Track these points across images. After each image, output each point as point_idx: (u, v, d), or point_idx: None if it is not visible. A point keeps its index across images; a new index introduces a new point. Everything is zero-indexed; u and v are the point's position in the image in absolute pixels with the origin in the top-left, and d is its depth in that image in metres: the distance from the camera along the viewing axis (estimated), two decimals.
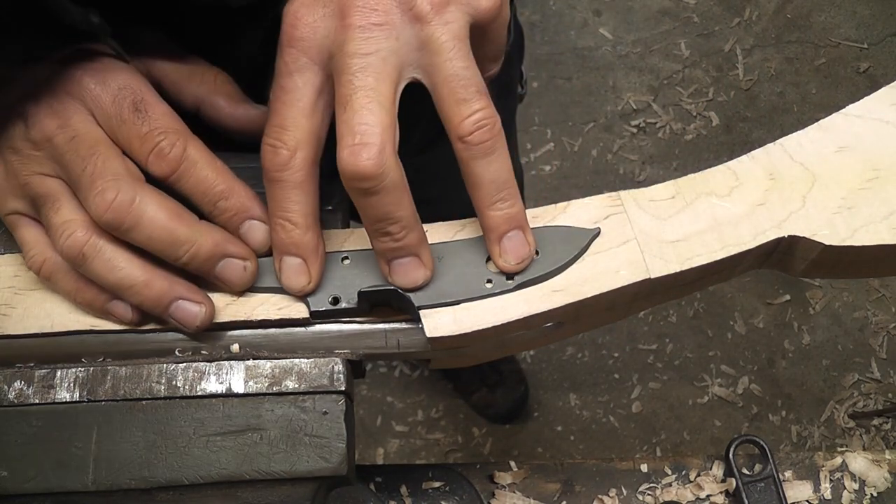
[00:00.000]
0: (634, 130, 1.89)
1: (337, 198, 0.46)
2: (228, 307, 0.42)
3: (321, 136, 0.40)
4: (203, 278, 0.41)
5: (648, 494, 0.58)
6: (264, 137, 0.39)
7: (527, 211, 0.44)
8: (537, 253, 0.42)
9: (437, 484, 0.57)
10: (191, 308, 0.40)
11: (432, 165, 0.60)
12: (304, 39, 0.38)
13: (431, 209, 0.47)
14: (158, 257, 0.40)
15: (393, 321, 0.43)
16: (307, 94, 0.38)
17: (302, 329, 0.42)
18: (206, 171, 0.40)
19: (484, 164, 0.38)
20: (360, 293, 0.41)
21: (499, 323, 0.41)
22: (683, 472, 0.59)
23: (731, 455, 0.57)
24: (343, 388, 0.41)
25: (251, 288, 0.42)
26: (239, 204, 0.41)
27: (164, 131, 0.39)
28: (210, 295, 0.42)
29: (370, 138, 0.35)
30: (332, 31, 0.38)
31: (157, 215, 0.38)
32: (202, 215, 0.41)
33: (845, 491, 0.58)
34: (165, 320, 0.41)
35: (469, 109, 0.37)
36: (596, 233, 0.43)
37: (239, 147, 0.45)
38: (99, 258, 0.39)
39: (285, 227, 0.39)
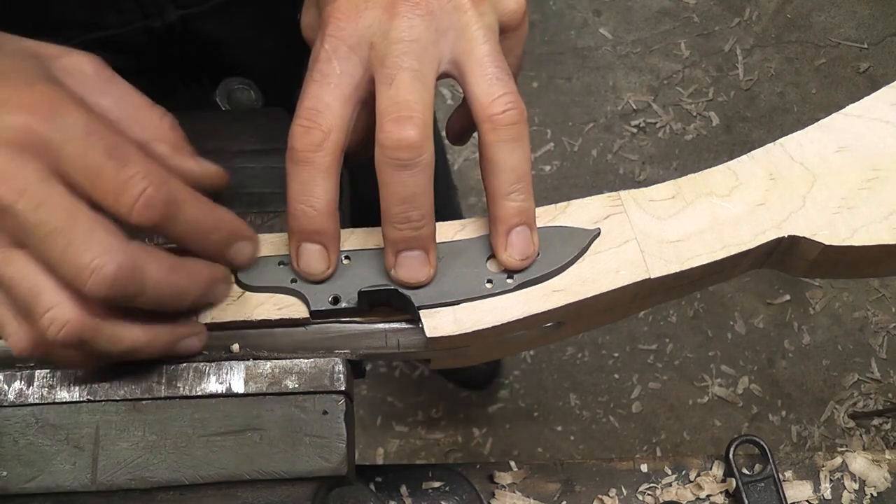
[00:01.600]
0: (634, 130, 1.89)
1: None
2: (228, 307, 0.42)
3: (350, 129, 0.40)
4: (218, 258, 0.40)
5: (648, 494, 0.58)
6: (296, 118, 0.38)
7: None
8: (537, 252, 0.42)
9: (437, 484, 0.57)
10: (191, 343, 0.40)
11: None
12: (347, 29, 0.39)
13: None
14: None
15: (393, 321, 0.43)
16: (346, 82, 0.39)
17: (302, 329, 0.42)
18: (192, 209, 0.37)
19: (508, 150, 0.39)
20: (360, 293, 0.41)
21: (499, 323, 0.41)
22: (683, 472, 0.59)
23: (731, 455, 0.57)
24: (343, 388, 0.41)
25: (251, 287, 0.42)
26: (228, 233, 0.39)
27: (145, 175, 0.34)
28: None
29: (415, 112, 0.37)
30: (376, 22, 0.38)
31: (159, 275, 0.36)
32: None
33: (845, 491, 0.58)
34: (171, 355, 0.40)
35: (501, 90, 0.39)
36: (596, 233, 0.43)
37: None
38: (101, 338, 0.36)
39: (307, 213, 0.39)
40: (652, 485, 0.58)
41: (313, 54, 0.40)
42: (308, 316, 0.42)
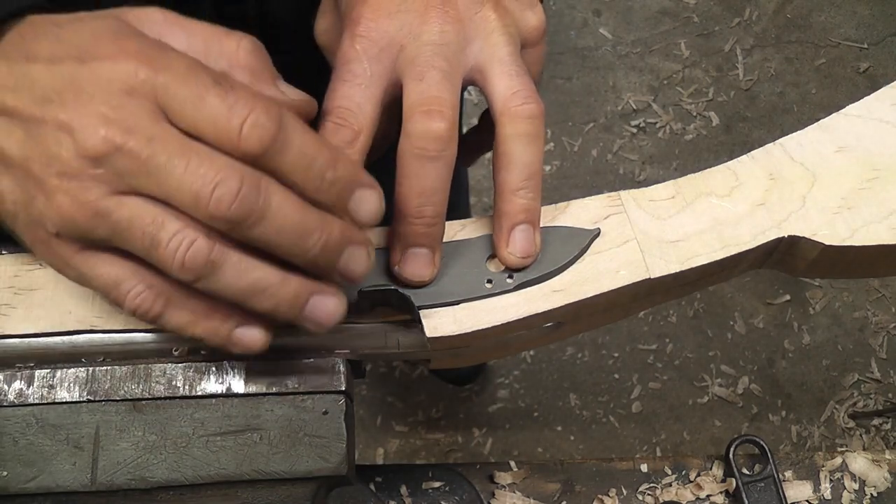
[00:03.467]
0: (634, 130, 1.89)
1: None
2: None
3: (375, 131, 0.40)
4: (325, 273, 0.36)
5: (648, 494, 0.58)
6: (326, 116, 0.38)
7: None
8: (538, 254, 0.42)
9: (437, 484, 0.57)
10: (327, 303, 0.36)
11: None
12: (378, 30, 0.39)
13: None
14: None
15: (393, 321, 0.43)
16: (376, 84, 0.39)
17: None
18: (305, 138, 0.34)
19: (523, 144, 0.40)
20: (360, 293, 0.41)
21: (499, 323, 0.41)
22: (683, 472, 0.59)
23: (731, 455, 0.57)
24: (343, 388, 0.41)
25: None
26: (348, 172, 0.35)
27: (253, 98, 0.33)
28: None
29: (444, 107, 0.38)
30: (407, 25, 0.39)
31: (285, 202, 0.33)
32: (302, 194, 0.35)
33: (845, 491, 0.58)
34: (300, 323, 0.36)
35: (521, 85, 0.40)
36: (596, 233, 0.43)
37: None
38: (229, 263, 0.33)
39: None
40: (652, 485, 0.58)
41: (342, 54, 0.40)
42: None
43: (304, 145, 0.34)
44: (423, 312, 0.41)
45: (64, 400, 0.41)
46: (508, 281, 0.41)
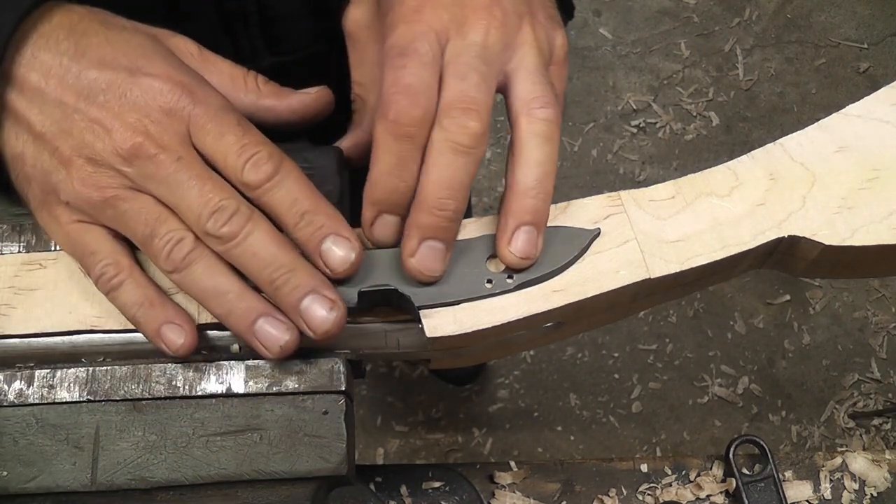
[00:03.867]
0: (634, 130, 1.89)
1: (337, 198, 0.46)
2: None
3: None
4: (289, 313, 0.40)
5: (648, 494, 0.58)
6: (393, 94, 0.39)
7: None
8: (537, 258, 0.42)
9: (437, 484, 0.57)
10: (275, 329, 0.39)
11: None
12: (433, 18, 0.41)
13: None
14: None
15: (393, 321, 0.43)
16: (436, 63, 0.40)
17: None
18: (297, 184, 0.39)
19: (537, 144, 0.40)
20: (360, 293, 0.41)
21: (499, 323, 0.41)
22: (683, 472, 0.59)
23: (731, 455, 0.57)
24: (343, 388, 0.41)
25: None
26: (326, 219, 0.40)
27: (264, 143, 0.40)
28: None
29: (482, 108, 0.39)
30: (456, 20, 0.41)
31: (266, 235, 0.39)
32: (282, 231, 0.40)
33: (845, 491, 0.58)
34: (248, 341, 0.40)
35: (543, 91, 0.41)
36: (596, 233, 0.43)
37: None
38: (202, 263, 0.39)
39: (399, 187, 0.40)
40: (652, 485, 0.58)
41: (402, 37, 0.40)
42: None
43: (294, 188, 0.39)
44: (423, 312, 0.41)
45: (64, 400, 0.41)
46: (508, 281, 0.41)
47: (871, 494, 0.58)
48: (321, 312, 0.39)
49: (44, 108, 0.39)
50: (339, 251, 0.39)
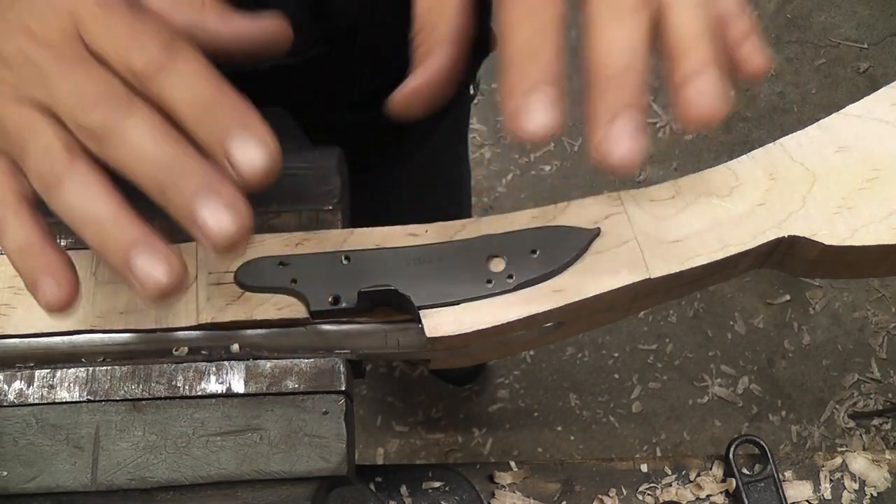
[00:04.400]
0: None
1: (337, 198, 0.46)
2: (229, 307, 0.42)
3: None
4: (181, 220, 0.33)
5: (648, 494, 0.58)
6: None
7: (527, 211, 0.44)
8: (537, 252, 0.42)
9: (437, 484, 0.57)
10: (154, 266, 0.33)
11: (369, 125, 0.56)
12: None
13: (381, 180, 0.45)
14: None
15: (393, 321, 0.43)
16: None
17: (302, 329, 0.42)
18: (196, 69, 0.33)
19: (610, 17, 0.34)
20: (360, 293, 0.41)
21: (499, 323, 0.41)
22: (683, 472, 0.59)
23: (731, 455, 0.57)
24: (343, 388, 0.41)
25: (252, 287, 0.42)
26: (233, 112, 0.33)
27: (155, 24, 0.34)
28: (213, 296, 0.42)
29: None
30: None
31: (150, 124, 0.33)
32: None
33: (845, 491, 0.58)
34: (124, 276, 0.33)
35: None
36: (596, 233, 0.43)
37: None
38: (74, 181, 0.33)
39: (546, 54, 0.35)
40: (652, 485, 0.58)
41: None
42: (308, 316, 0.42)
43: (193, 76, 0.33)
44: (423, 312, 0.41)
45: (64, 400, 0.41)
46: (508, 281, 0.41)
47: (871, 494, 0.58)
48: (219, 214, 0.32)
49: None
50: (250, 152, 0.32)
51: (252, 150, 0.32)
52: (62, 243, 0.41)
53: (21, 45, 0.34)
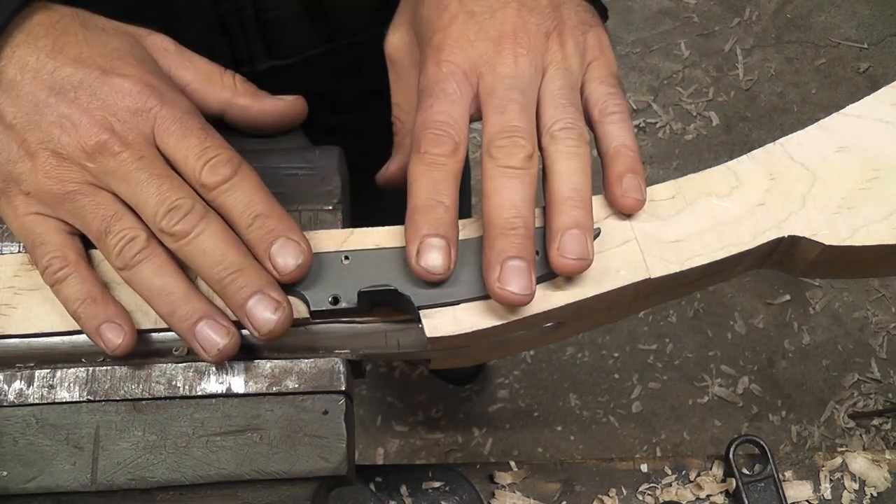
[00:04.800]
0: (634, 130, 1.89)
1: (337, 198, 0.46)
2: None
3: None
4: (231, 307, 0.40)
5: (648, 494, 0.58)
6: (427, 128, 0.41)
7: None
8: (537, 253, 0.42)
9: (437, 484, 0.57)
10: (214, 334, 0.40)
11: (369, 125, 0.62)
12: (461, 56, 0.43)
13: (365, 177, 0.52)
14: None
15: (393, 321, 0.43)
16: (465, 101, 0.42)
17: (302, 329, 0.42)
18: (253, 187, 0.41)
19: (566, 159, 0.41)
20: (360, 293, 0.41)
21: (499, 323, 0.41)
22: (683, 472, 0.59)
23: (731, 455, 0.57)
24: (343, 388, 0.41)
25: None
26: (277, 223, 0.41)
27: (224, 148, 0.41)
28: (213, 296, 0.42)
29: (525, 133, 0.41)
30: (485, 55, 0.43)
31: (218, 235, 0.39)
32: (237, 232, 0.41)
33: (845, 491, 0.58)
34: (189, 341, 0.40)
35: (563, 114, 0.42)
36: (596, 233, 0.43)
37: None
38: (152, 261, 0.40)
39: (438, 210, 0.40)
40: (652, 485, 0.58)
41: (431, 75, 0.43)
42: (308, 316, 0.42)
43: (249, 191, 0.40)
44: (423, 312, 0.41)
45: (64, 400, 0.41)
46: None
47: (871, 494, 0.58)
48: (266, 314, 0.39)
49: (17, 100, 0.40)
50: (287, 254, 0.40)
51: (290, 254, 0.40)
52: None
53: (108, 140, 0.39)
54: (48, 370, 0.41)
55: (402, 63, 0.49)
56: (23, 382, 0.41)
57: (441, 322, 0.41)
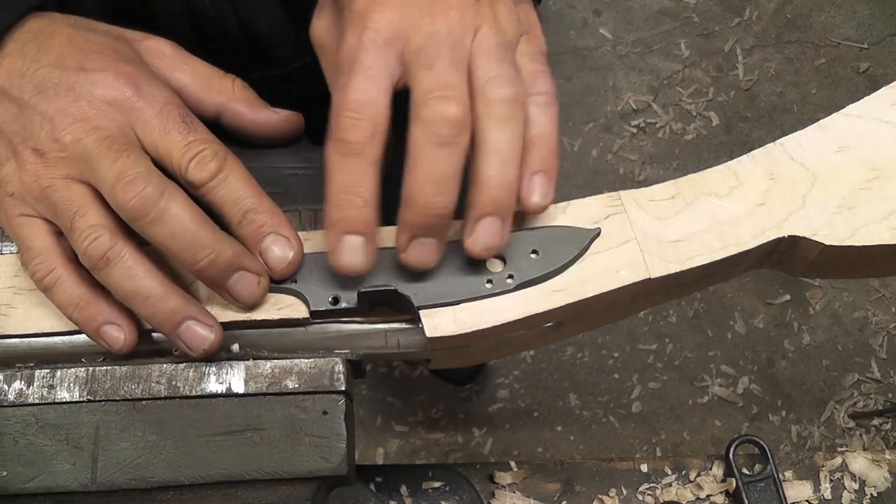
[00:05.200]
0: (634, 130, 1.89)
1: None
2: (229, 307, 0.42)
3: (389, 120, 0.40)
4: (214, 289, 0.41)
5: (648, 494, 0.58)
6: (341, 110, 0.38)
7: None
8: (537, 252, 0.42)
9: (437, 484, 0.57)
10: (200, 331, 0.40)
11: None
12: (383, 21, 0.39)
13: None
14: (173, 271, 0.41)
15: (393, 321, 0.43)
16: (386, 74, 0.39)
17: (302, 329, 0.42)
18: (241, 182, 0.40)
19: (495, 128, 0.38)
20: (360, 293, 0.41)
21: (499, 323, 0.41)
22: (683, 472, 0.59)
23: (731, 455, 0.57)
24: (343, 388, 0.41)
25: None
26: (267, 217, 0.40)
27: (209, 142, 0.40)
28: (213, 296, 0.42)
29: (457, 94, 0.38)
30: (411, 18, 0.39)
31: (182, 213, 0.38)
32: (225, 228, 0.41)
33: (845, 491, 0.58)
34: (174, 340, 0.40)
35: (499, 70, 0.39)
36: (596, 233, 0.43)
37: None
38: (121, 264, 0.39)
39: (355, 203, 0.38)
40: (652, 485, 0.58)
41: (349, 47, 0.39)
42: (308, 316, 0.42)
43: (237, 185, 0.40)
44: (423, 312, 0.41)
45: (64, 400, 0.41)
46: (508, 281, 0.41)
47: (871, 494, 0.58)
48: (250, 287, 0.40)
49: (5, 104, 0.41)
50: (277, 250, 0.40)
51: (280, 249, 0.41)
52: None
53: (77, 129, 0.39)
54: (48, 370, 0.41)
55: (331, 48, 0.44)
56: (23, 382, 0.41)
57: (441, 322, 0.41)
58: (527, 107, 0.40)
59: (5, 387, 0.41)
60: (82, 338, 0.42)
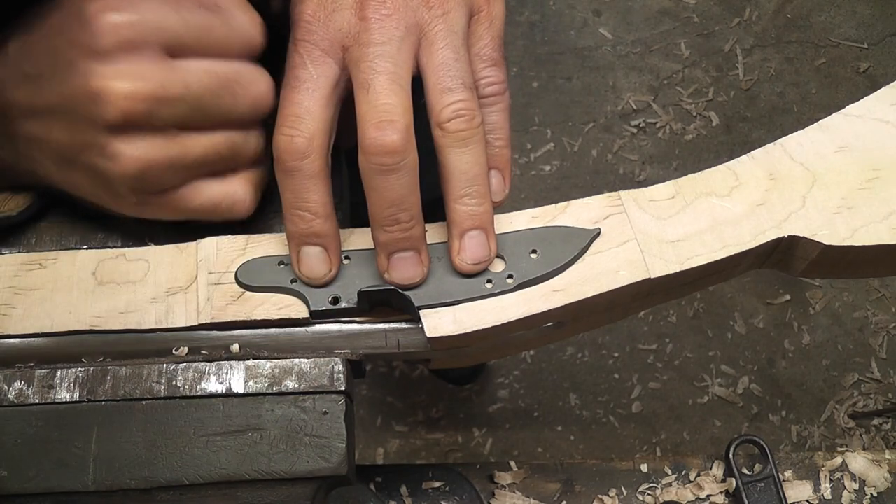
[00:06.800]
0: (634, 130, 1.89)
1: (337, 198, 0.45)
2: (228, 307, 0.42)
3: (334, 128, 0.40)
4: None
5: (648, 494, 0.58)
6: (278, 127, 0.39)
7: (527, 211, 0.44)
8: (537, 252, 0.42)
9: (437, 484, 0.57)
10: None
11: None
12: (318, 33, 0.39)
13: None
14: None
15: (393, 321, 0.43)
16: (323, 84, 0.39)
17: (302, 329, 0.42)
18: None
19: (457, 154, 0.39)
20: (360, 293, 0.41)
21: (499, 323, 0.41)
22: (683, 472, 0.59)
23: (731, 455, 0.57)
24: (343, 388, 0.41)
25: (252, 287, 0.42)
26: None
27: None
28: (213, 296, 0.42)
29: (396, 116, 0.37)
30: (346, 24, 0.39)
31: (199, 69, 0.40)
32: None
33: (845, 491, 0.58)
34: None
35: (451, 98, 0.39)
36: (596, 233, 0.43)
37: None
38: (168, 104, 0.38)
39: (304, 218, 0.39)
40: (652, 485, 0.58)
41: (289, 60, 0.40)
42: (308, 316, 0.42)
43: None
44: (423, 312, 0.41)
45: (64, 400, 0.41)
46: (508, 281, 0.41)
47: (871, 494, 0.58)
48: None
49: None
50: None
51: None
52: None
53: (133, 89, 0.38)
54: (48, 370, 0.41)
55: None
56: (23, 382, 0.41)
57: (441, 322, 0.41)
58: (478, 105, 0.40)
59: (5, 387, 0.41)
60: (82, 338, 0.42)
